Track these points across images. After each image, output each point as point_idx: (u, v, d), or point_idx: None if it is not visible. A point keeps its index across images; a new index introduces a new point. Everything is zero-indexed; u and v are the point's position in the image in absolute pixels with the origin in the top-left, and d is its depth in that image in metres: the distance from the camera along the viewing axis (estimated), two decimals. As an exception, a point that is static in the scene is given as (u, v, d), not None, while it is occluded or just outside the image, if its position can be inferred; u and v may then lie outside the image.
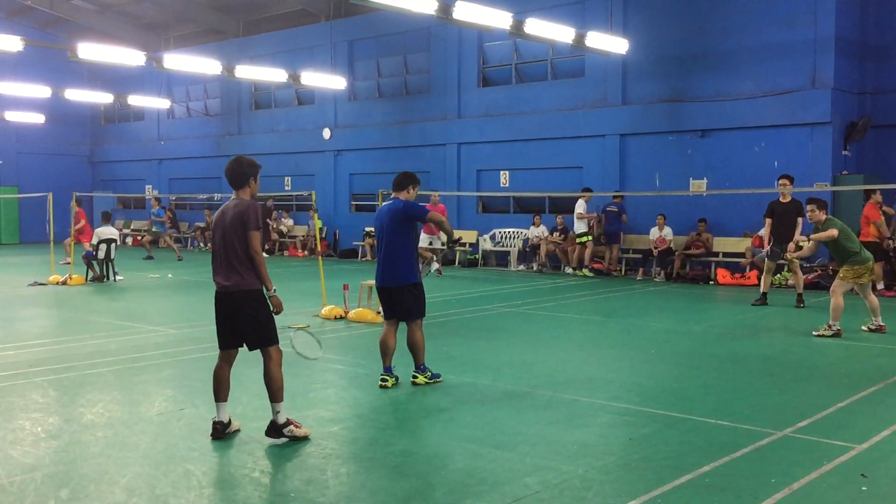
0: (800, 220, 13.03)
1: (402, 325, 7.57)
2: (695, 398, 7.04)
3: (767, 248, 13.12)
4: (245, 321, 5.75)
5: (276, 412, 5.71)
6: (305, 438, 5.72)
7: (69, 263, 19.26)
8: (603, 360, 8.82)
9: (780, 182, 13.40)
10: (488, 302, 13.66)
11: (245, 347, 5.95)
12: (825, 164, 16.40)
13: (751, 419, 6.25)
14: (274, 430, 5.69)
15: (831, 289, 10.37)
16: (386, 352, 7.41)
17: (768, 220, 13.20)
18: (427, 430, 6.00)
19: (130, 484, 4.84)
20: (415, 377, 7.47)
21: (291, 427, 5.70)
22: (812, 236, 10.51)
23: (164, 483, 4.86)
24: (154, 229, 25.77)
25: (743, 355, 9.02)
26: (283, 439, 5.66)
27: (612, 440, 5.80)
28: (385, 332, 7.46)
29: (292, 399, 6.91)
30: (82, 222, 20.15)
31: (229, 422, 5.87)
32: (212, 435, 5.78)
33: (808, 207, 10.62)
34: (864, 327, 10.60)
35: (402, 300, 7.35)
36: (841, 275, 10.29)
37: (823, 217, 10.49)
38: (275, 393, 5.73)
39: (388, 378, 7.37)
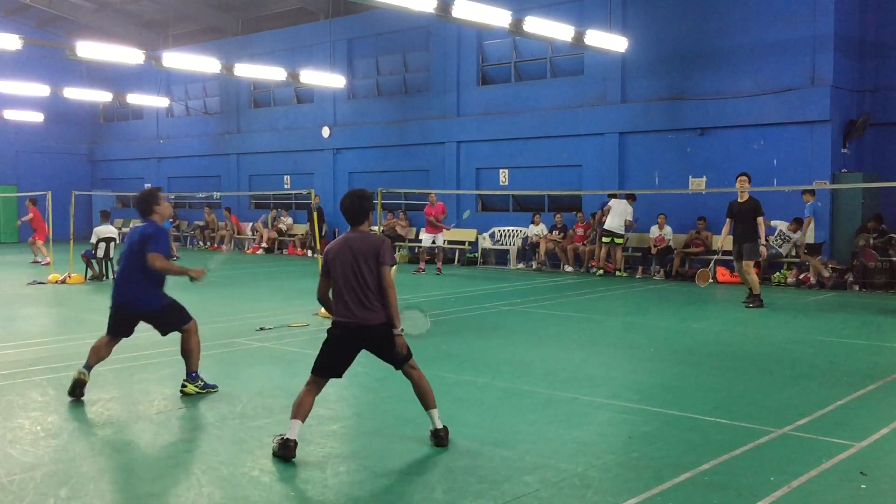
0: (760, 219, 12.74)
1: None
2: (694, 396, 7.05)
3: (720, 246, 13.24)
4: (386, 352, 5.61)
5: (435, 418, 5.62)
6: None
7: (49, 263, 19.45)
8: (602, 359, 8.82)
9: (738, 180, 13.05)
10: (487, 300, 13.66)
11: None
12: (824, 161, 16.40)
13: (750, 417, 6.25)
14: (439, 437, 5.58)
15: None
16: (96, 354, 7.05)
17: (728, 220, 13.02)
18: (426, 429, 5.99)
19: (130, 482, 4.84)
20: (184, 386, 7.03)
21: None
22: None
23: (163, 482, 4.86)
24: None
25: (742, 353, 9.02)
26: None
27: (611, 438, 5.80)
28: (100, 341, 7.10)
29: (291, 397, 6.90)
30: (30, 216, 20.51)
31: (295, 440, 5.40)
32: (285, 456, 5.26)
33: None
34: None
35: (158, 323, 7.23)
36: None
37: None
38: (431, 400, 5.64)
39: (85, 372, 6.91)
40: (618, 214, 17.74)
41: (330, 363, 5.64)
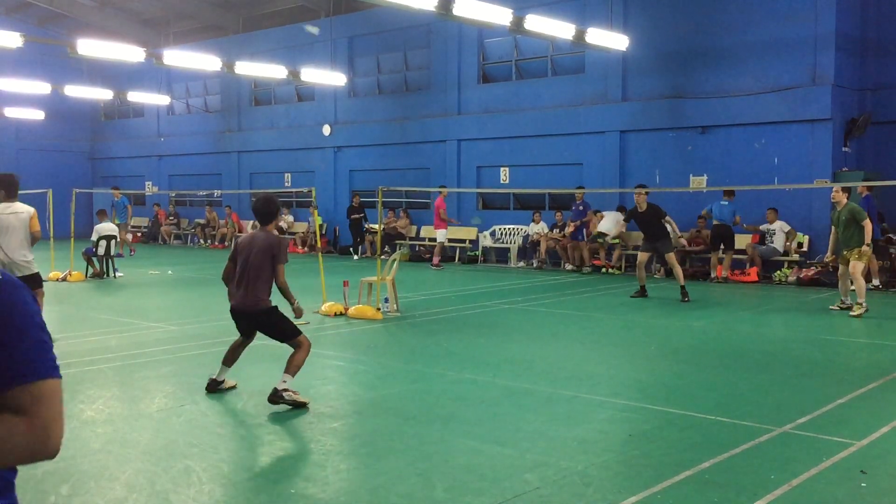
0: (668, 219, 13.83)
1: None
2: (694, 395, 7.05)
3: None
4: (267, 331, 6.68)
5: (282, 381, 6.33)
6: (304, 405, 6.34)
7: None
8: (603, 357, 8.82)
9: (636, 192, 13.86)
10: (488, 298, 13.66)
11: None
12: (825, 160, 16.39)
13: (750, 415, 6.25)
14: (274, 395, 6.28)
15: (852, 272, 11.41)
16: None
17: (626, 223, 14.63)
18: (427, 427, 6.01)
19: (130, 480, 4.85)
20: None
21: (290, 393, 6.30)
22: (864, 249, 11.50)
23: (163, 479, 4.86)
24: (117, 221, 21.89)
25: (742, 351, 9.02)
26: (284, 405, 6.28)
27: (611, 436, 5.81)
28: None
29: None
30: None
31: (223, 381, 6.91)
32: (206, 388, 6.84)
33: (835, 189, 12.05)
34: (833, 307, 11.98)
35: None
36: (857, 257, 11.46)
37: (845, 200, 11.82)
38: (291, 368, 6.41)
39: None
40: (612, 221, 17.85)
41: (238, 329, 6.88)
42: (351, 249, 22.94)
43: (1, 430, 1.73)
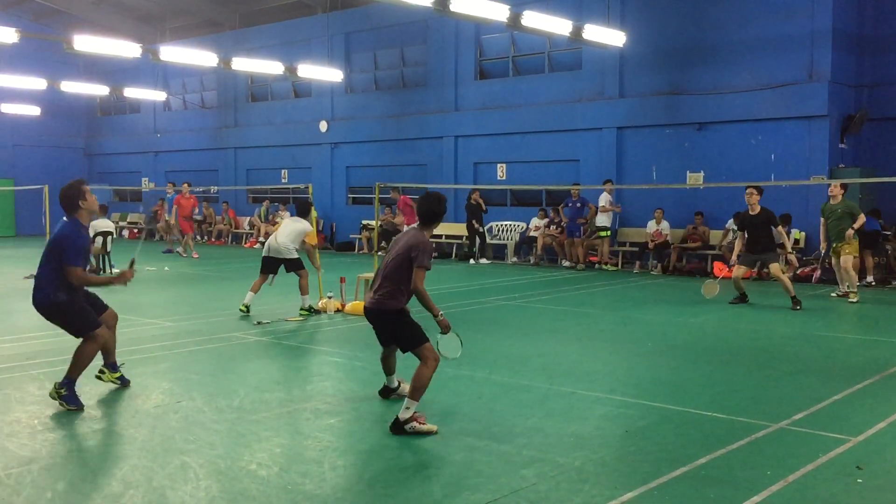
0: (780, 229, 12.84)
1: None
2: (691, 391, 7.06)
3: (733, 261, 12.57)
4: (394, 336, 6.20)
5: (405, 408, 5.73)
6: (430, 433, 5.66)
7: None
8: (600, 353, 8.83)
9: (748, 192, 12.39)
10: (485, 295, 13.66)
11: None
12: (822, 157, 16.41)
13: (747, 412, 6.27)
14: (396, 425, 5.70)
15: (843, 266, 12.36)
16: None
17: (741, 234, 12.47)
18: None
19: (127, 476, 4.84)
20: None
21: (414, 423, 5.67)
22: (855, 226, 12.32)
23: (160, 475, 4.86)
24: (166, 217, 22.77)
25: (739, 348, 9.04)
26: (407, 434, 5.67)
27: (608, 433, 5.81)
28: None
29: (289, 391, 6.93)
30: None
31: (398, 385, 6.68)
32: (380, 393, 6.72)
33: (834, 184, 12.78)
34: (833, 294, 12.93)
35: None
36: (847, 251, 12.35)
37: (841, 196, 12.62)
38: (413, 391, 5.77)
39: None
40: (605, 205, 17.93)
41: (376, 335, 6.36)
42: (475, 252, 20.19)
43: None
